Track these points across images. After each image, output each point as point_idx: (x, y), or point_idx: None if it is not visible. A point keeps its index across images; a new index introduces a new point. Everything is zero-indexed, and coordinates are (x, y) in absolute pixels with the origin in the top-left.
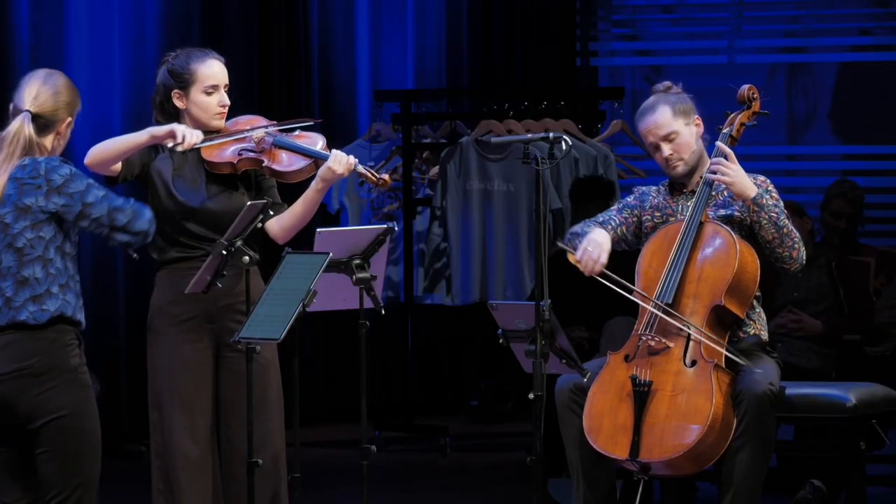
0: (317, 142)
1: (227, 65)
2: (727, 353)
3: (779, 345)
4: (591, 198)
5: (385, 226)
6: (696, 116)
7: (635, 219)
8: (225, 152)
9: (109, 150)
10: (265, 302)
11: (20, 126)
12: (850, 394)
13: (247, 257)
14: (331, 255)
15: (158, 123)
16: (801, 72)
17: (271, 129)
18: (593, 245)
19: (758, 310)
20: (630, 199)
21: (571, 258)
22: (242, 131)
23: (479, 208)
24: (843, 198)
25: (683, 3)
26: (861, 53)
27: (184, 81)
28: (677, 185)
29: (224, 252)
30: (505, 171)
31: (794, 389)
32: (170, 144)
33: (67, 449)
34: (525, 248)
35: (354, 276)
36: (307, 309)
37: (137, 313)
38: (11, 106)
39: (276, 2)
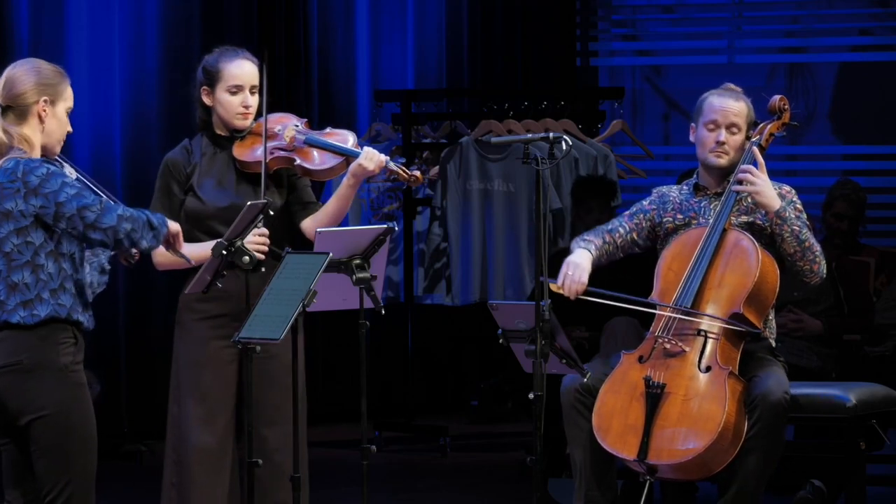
0: (347, 139)
1: None
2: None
3: (779, 345)
4: (592, 198)
5: (385, 226)
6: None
7: (648, 223)
8: (256, 151)
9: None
10: (265, 302)
11: None
12: (850, 394)
13: (247, 257)
14: (331, 255)
15: (198, 117)
16: (801, 72)
17: (301, 126)
18: (572, 268)
19: (771, 317)
20: (646, 202)
21: (554, 288)
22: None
23: (479, 208)
24: (845, 199)
25: (683, 3)
26: (861, 53)
27: (211, 79)
28: (701, 187)
29: (224, 252)
30: (505, 171)
31: (795, 389)
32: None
33: (54, 446)
34: (525, 248)
35: (354, 276)
36: (307, 309)
37: (138, 313)
38: None
39: (276, 2)
